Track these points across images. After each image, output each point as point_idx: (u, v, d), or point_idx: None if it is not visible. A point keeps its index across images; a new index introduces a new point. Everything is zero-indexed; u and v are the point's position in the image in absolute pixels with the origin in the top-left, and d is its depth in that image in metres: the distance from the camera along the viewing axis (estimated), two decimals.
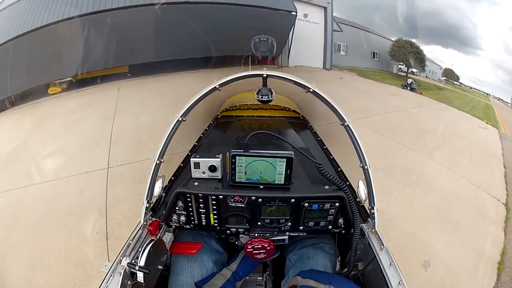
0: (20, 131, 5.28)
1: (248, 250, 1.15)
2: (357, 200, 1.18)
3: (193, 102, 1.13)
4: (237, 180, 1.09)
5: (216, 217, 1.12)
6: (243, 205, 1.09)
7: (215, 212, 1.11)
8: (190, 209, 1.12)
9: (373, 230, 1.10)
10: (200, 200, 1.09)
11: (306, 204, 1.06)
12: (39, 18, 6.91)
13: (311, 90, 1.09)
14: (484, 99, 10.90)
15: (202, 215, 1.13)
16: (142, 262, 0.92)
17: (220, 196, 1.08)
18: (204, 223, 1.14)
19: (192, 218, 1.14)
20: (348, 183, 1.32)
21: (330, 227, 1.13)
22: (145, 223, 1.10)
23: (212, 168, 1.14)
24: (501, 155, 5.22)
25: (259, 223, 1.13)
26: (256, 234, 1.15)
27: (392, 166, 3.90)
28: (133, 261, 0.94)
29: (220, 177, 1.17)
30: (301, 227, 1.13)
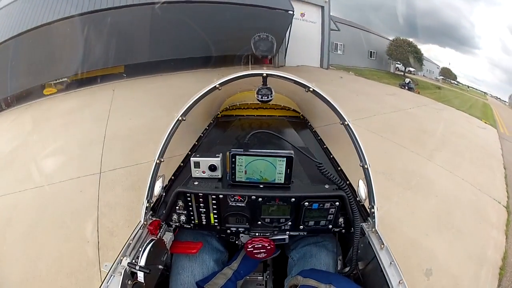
0: (15, 134, 5.23)
1: (248, 249, 1.14)
2: (357, 199, 1.18)
3: (193, 102, 1.13)
4: (237, 180, 1.08)
5: (216, 216, 1.12)
6: (243, 205, 1.09)
7: (215, 211, 1.11)
8: (190, 208, 1.12)
9: (373, 229, 1.10)
10: (200, 199, 1.09)
11: (306, 204, 1.06)
12: (31, 19, 6.86)
13: (311, 89, 1.09)
14: (482, 98, 10.95)
15: (202, 215, 1.12)
16: (142, 262, 0.92)
17: (220, 196, 1.08)
18: (204, 223, 1.14)
19: (192, 217, 1.14)
20: (348, 182, 1.32)
21: (330, 226, 1.13)
22: (145, 222, 1.10)
23: (212, 168, 1.14)
24: (501, 156, 5.23)
25: (259, 222, 1.13)
26: (256, 234, 1.15)
27: (393, 169, 3.87)
28: (133, 261, 0.94)
29: (220, 176, 1.17)
30: (301, 226, 1.13)
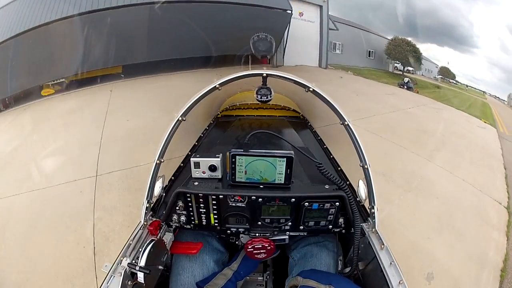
0: (12, 136, 5.18)
1: (248, 250, 1.14)
2: (357, 199, 1.17)
3: (193, 102, 1.12)
4: (237, 180, 1.08)
5: (216, 217, 1.12)
6: (243, 205, 1.09)
7: (215, 212, 1.11)
8: (190, 209, 1.12)
9: (373, 230, 1.09)
10: (200, 200, 1.09)
11: (306, 204, 1.06)
12: (29, 19, 6.81)
13: (311, 89, 1.09)
14: (481, 97, 10.96)
15: (202, 215, 1.12)
16: (142, 262, 0.92)
17: (220, 196, 1.07)
18: (204, 223, 1.14)
19: (192, 218, 1.14)
20: (348, 182, 1.32)
21: (330, 226, 1.13)
22: (145, 223, 1.10)
23: (212, 168, 1.14)
24: (501, 156, 5.21)
25: (259, 222, 1.13)
26: (256, 234, 1.15)
27: (393, 170, 3.84)
28: (133, 261, 0.94)
29: (220, 176, 1.16)
30: (301, 227, 1.13)
